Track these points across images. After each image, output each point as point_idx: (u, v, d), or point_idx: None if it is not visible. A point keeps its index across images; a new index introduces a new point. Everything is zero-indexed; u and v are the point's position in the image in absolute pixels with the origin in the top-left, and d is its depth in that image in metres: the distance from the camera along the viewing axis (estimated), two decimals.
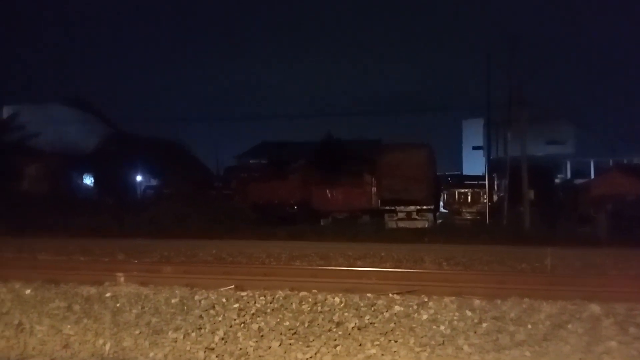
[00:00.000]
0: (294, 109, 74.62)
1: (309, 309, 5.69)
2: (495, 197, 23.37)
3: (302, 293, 6.15)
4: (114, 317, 5.80)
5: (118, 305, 6.04)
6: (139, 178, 32.36)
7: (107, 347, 5.37)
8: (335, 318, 5.44)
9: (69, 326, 5.76)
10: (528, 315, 5.30)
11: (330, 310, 5.63)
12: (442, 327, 5.15)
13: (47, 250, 12.10)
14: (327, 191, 22.82)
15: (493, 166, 24.26)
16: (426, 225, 20.24)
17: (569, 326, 5.05)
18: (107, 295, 6.29)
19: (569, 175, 32.00)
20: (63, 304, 6.10)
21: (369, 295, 5.99)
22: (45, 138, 29.19)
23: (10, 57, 70.70)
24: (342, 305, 5.74)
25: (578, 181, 27.62)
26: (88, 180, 32.53)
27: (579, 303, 5.57)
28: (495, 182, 23.74)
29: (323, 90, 76.92)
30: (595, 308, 5.42)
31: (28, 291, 6.46)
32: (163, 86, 75.27)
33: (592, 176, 29.89)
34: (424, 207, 20.70)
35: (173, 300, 6.06)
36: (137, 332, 5.54)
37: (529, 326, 5.08)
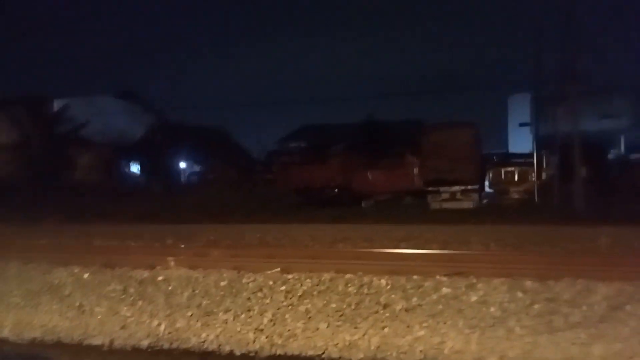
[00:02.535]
0: (335, 91, 74.07)
1: (355, 291, 5.71)
2: (544, 175, 22.52)
3: (348, 275, 6.17)
4: (167, 299, 6.01)
5: (170, 288, 6.26)
6: (183, 165, 33.28)
7: (162, 327, 5.57)
8: (382, 300, 5.43)
9: (125, 308, 6.02)
10: (583, 296, 5.12)
11: (376, 292, 5.63)
12: (492, 309, 5.05)
13: (101, 236, 12.60)
14: (369, 173, 22.63)
15: (541, 143, 23.34)
16: (471, 206, 19.79)
17: (627, 307, 4.84)
18: (160, 278, 6.52)
19: (623, 151, 30.41)
20: (119, 287, 6.38)
21: (415, 277, 5.93)
22: (95, 129, 30.37)
23: (62, 52, 73.91)
24: (388, 287, 5.72)
25: (633, 156, 26.19)
26: (135, 169, 33.72)
27: (639, 284, 5.32)
28: (544, 160, 22.86)
29: (364, 71, 75.94)
30: None
31: (86, 275, 6.79)
32: (204, 75, 76.60)
33: None
34: (469, 187, 20.25)
35: (222, 283, 6.22)
36: (189, 313, 5.72)
37: (584, 307, 4.90)
